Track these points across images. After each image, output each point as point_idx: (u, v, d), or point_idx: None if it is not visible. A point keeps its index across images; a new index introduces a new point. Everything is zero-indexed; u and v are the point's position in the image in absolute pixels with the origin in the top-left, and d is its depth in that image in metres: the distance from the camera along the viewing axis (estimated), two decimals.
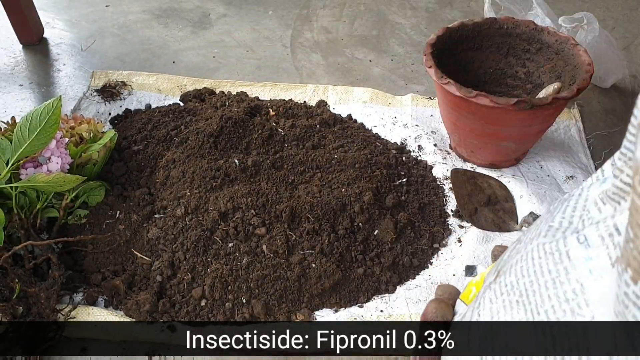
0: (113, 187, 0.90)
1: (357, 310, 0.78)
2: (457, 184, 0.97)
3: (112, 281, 0.78)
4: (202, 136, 0.96)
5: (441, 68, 0.91)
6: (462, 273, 0.83)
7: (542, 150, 1.05)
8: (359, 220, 0.86)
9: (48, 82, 1.23)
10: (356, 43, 1.41)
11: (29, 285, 0.74)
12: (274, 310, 0.76)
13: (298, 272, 0.78)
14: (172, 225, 0.84)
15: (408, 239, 0.87)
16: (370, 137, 1.05)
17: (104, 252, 0.83)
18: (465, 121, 0.93)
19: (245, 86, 1.21)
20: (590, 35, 1.13)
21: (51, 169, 0.80)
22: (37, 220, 0.82)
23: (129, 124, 1.06)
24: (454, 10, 1.56)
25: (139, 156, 0.96)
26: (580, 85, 0.86)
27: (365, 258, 0.83)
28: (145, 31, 1.43)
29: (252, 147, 0.97)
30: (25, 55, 1.31)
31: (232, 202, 0.85)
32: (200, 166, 0.91)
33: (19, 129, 0.78)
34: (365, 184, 0.91)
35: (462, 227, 0.91)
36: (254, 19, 1.50)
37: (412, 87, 1.26)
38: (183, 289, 0.78)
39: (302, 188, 0.90)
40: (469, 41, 1.03)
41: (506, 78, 1.06)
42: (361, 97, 1.18)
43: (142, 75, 1.21)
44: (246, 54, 1.36)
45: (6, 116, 1.08)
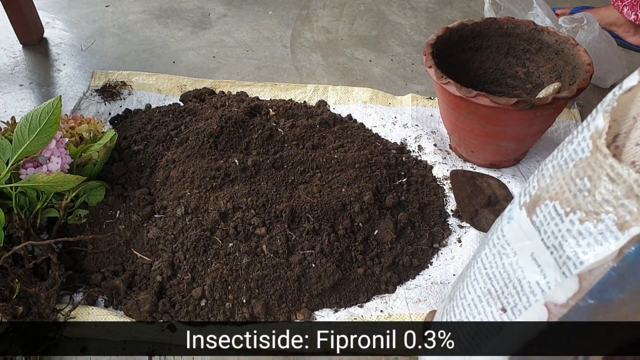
0: (113, 187, 0.90)
1: (357, 310, 0.78)
2: (456, 185, 0.97)
3: (112, 281, 0.78)
4: (202, 136, 0.96)
5: (441, 68, 0.91)
6: None
7: (542, 150, 1.05)
8: (359, 220, 0.86)
9: (48, 82, 1.23)
10: (356, 43, 1.41)
11: (29, 285, 0.74)
12: (274, 310, 0.76)
13: (298, 272, 0.78)
14: (172, 225, 0.84)
15: (408, 239, 0.87)
16: (370, 137, 1.05)
17: (104, 252, 0.83)
18: (465, 121, 0.93)
19: (245, 86, 1.21)
20: (590, 36, 1.13)
21: (51, 169, 0.80)
22: (37, 220, 0.82)
23: (129, 124, 1.06)
24: (454, 10, 1.56)
25: (139, 156, 0.96)
26: (580, 85, 0.86)
27: (365, 258, 0.83)
28: (145, 31, 1.43)
29: (252, 147, 0.97)
30: (25, 55, 1.31)
31: (232, 202, 0.85)
32: (200, 166, 0.91)
33: (19, 129, 0.78)
34: (365, 184, 0.91)
35: (462, 227, 0.91)
36: (254, 19, 1.50)
37: (412, 87, 1.26)
38: (183, 289, 0.78)
39: (302, 188, 0.90)
40: (469, 41, 1.03)
41: (506, 78, 1.06)
42: (361, 97, 1.18)
43: (142, 75, 1.21)
44: (246, 54, 1.36)
45: (6, 116, 1.08)
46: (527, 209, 0.48)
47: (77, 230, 0.85)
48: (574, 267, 0.42)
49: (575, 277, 0.42)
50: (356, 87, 1.21)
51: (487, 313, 0.52)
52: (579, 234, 0.42)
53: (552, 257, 0.44)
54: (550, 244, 0.44)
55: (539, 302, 0.46)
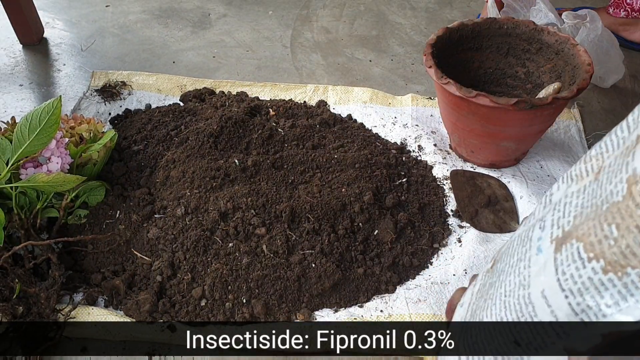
0: (113, 187, 0.90)
1: (357, 310, 0.78)
2: (456, 185, 0.97)
3: (112, 281, 0.78)
4: (202, 136, 0.96)
5: (441, 68, 0.91)
6: (462, 273, 0.83)
7: (542, 150, 1.05)
8: (359, 220, 0.86)
9: (48, 82, 1.23)
10: (356, 43, 1.41)
11: (29, 285, 0.74)
12: (274, 310, 0.76)
13: (298, 272, 0.78)
14: (172, 225, 0.84)
15: (408, 239, 0.87)
16: (370, 137, 1.05)
17: (104, 252, 0.83)
18: (465, 121, 0.93)
19: (245, 86, 1.21)
20: (592, 34, 1.12)
21: (51, 169, 0.80)
22: (37, 220, 0.82)
23: (129, 124, 1.06)
24: (454, 10, 1.56)
25: (139, 156, 0.96)
26: (580, 85, 0.86)
27: (365, 258, 0.83)
28: (145, 31, 1.43)
29: (252, 147, 0.97)
30: (25, 55, 1.31)
31: (232, 202, 0.85)
32: (200, 166, 0.91)
33: (19, 129, 0.78)
34: (365, 184, 0.91)
35: (462, 227, 0.91)
36: (254, 19, 1.50)
37: (412, 87, 1.26)
38: (183, 289, 0.78)
39: (302, 188, 0.90)
40: (468, 41, 1.03)
41: (506, 78, 1.06)
42: (361, 97, 1.18)
43: (142, 75, 1.21)
44: (246, 54, 1.36)
45: (6, 116, 1.08)
46: (556, 245, 0.44)
47: (77, 230, 0.85)
48: (594, 317, 0.40)
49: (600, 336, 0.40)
50: (356, 87, 1.21)
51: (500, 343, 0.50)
52: (601, 284, 0.39)
53: (565, 302, 0.41)
54: (567, 287, 0.41)
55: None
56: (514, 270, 0.50)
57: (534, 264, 0.46)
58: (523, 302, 0.47)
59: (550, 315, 0.43)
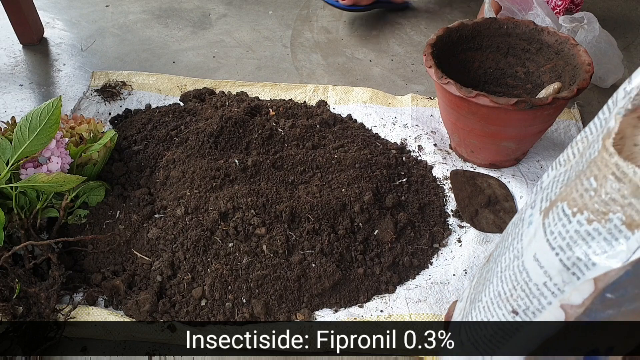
0: (113, 187, 0.90)
1: (357, 310, 0.78)
2: (456, 185, 0.97)
3: (112, 281, 0.78)
4: (202, 136, 0.96)
5: (441, 68, 0.91)
6: (462, 273, 0.83)
7: (542, 150, 1.05)
8: (359, 220, 0.86)
9: (48, 82, 1.23)
10: (356, 43, 1.41)
11: (29, 285, 0.75)
12: (274, 310, 0.76)
13: (298, 272, 0.78)
14: (172, 225, 0.84)
15: (408, 239, 0.87)
16: (370, 137, 1.05)
17: (104, 252, 0.83)
18: (465, 121, 0.93)
19: (245, 86, 1.21)
20: (590, 35, 1.12)
21: (51, 169, 0.80)
22: (37, 220, 0.82)
23: (129, 124, 1.06)
24: (454, 10, 1.56)
25: (139, 156, 0.96)
26: (580, 85, 0.86)
27: (365, 258, 0.83)
28: (145, 31, 1.43)
29: (252, 147, 0.97)
30: (25, 55, 1.31)
31: (232, 202, 0.85)
32: (200, 166, 0.91)
33: (19, 129, 0.78)
34: (365, 184, 0.91)
35: (462, 227, 0.91)
36: (254, 19, 1.50)
37: (412, 87, 1.26)
38: (183, 289, 0.78)
39: (302, 188, 0.90)
40: (469, 41, 1.03)
41: (506, 78, 1.06)
42: (361, 97, 1.18)
43: (142, 75, 1.21)
44: (246, 54, 1.36)
45: (6, 116, 1.08)
46: (544, 214, 0.47)
47: (77, 230, 0.85)
48: (585, 268, 0.42)
49: (591, 281, 0.41)
50: (356, 87, 1.21)
51: (500, 316, 0.52)
52: (587, 234, 0.41)
53: (556, 259, 0.44)
54: (557, 245, 0.44)
55: (553, 304, 0.45)
56: (508, 249, 0.53)
57: (525, 236, 0.49)
58: (517, 271, 0.49)
59: (543, 276, 0.46)
